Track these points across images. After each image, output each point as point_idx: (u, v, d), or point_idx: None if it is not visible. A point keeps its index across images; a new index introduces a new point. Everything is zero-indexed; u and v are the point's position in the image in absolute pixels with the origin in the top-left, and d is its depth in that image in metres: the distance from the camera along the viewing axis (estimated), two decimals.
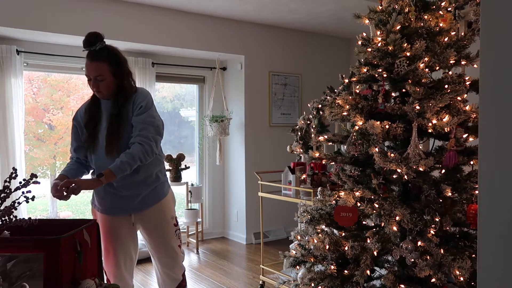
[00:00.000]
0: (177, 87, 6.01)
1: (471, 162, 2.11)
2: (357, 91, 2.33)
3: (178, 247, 2.41)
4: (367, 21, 2.30)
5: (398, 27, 2.13)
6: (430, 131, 2.04)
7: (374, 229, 2.16)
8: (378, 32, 2.23)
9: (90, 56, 2.20)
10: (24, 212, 4.21)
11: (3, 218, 1.65)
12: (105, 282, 2.39)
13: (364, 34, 2.28)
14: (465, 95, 2.12)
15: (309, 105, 3.67)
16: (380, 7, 2.26)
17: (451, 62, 2.12)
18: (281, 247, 4.80)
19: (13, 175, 1.70)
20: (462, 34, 2.22)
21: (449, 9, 2.20)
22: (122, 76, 2.23)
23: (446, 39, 2.18)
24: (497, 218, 0.96)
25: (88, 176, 2.34)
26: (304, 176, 3.28)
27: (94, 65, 2.18)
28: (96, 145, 2.22)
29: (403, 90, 2.15)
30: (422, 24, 2.18)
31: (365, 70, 2.24)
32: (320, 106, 3.47)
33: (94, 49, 2.20)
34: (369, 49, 2.19)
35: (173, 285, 2.43)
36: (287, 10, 4.76)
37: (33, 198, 1.69)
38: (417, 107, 1.99)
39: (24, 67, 4.25)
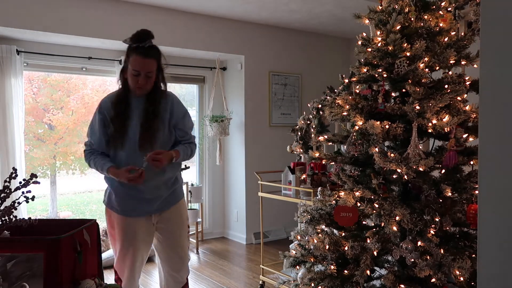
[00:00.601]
0: (177, 87, 6.01)
1: (471, 162, 2.11)
2: (357, 91, 2.33)
3: (187, 249, 2.46)
4: (367, 21, 2.30)
5: (398, 27, 2.13)
6: (430, 131, 2.04)
7: (374, 229, 2.16)
8: (378, 32, 2.23)
9: (143, 52, 2.19)
10: (24, 212, 4.21)
11: (3, 218, 1.66)
12: (114, 282, 2.39)
13: (364, 34, 2.28)
14: (465, 95, 2.12)
15: (309, 105, 3.67)
16: (380, 7, 2.26)
17: (451, 62, 2.12)
18: (281, 247, 4.81)
19: (13, 175, 1.70)
20: (462, 34, 2.22)
21: (449, 9, 2.20)
22: (160, 74, 2.28)
23: (446, 39, 2.18)
24: (497, 218, 0.96)
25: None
26: (304, 176, 3.28)
27: (147, 61, 2.19)
28: (125, 141, 2.21)
29: (403, 90, 2.15)
30: (422, 24, 2.18)
31: (365, 70, 2.24)
32: (320, 106, 3.47)
33: (143, 45, 2.20)
34: (369, 49, 2.19)
35: (177, 287, 2.43)
36: (287, 10, 4.76)
37: (33, 198, 1.69)
38: (417, 107, 1.99)
39: (24, 67, 4.25)
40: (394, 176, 2.07)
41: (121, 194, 2.27)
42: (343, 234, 2.25)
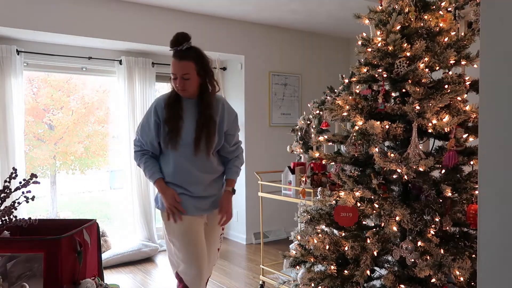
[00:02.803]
0: None
1: (471, 162, 2.11)
2: (357, 91, 2.33)
3: (217, 250, 2.50)
4: (367, 21, 2.30)
5: (398, 27, 2.13)
6: (430, 131, 2.03)
7: (374, 229, 2.16)
8: (378, 32, 2.22)
9: (177, 55, 2.22)
10: (24, 212, 4.21)
11: (3, 218, 1.66)
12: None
13: (364, 34, 2.28)
14: (465, 95, 2.12)
15: (309, 105, 3.67)
16: (380, 7, 2.26)
17: (451, 62, 2.12)
18: (281, 247, 4.81)
19: (13, 175, 1.70)
20: (462, 34, 2.22)
21: (449, 9, 2.20)
22: (206, 75, 2.28)
23: (446, 39, 2.18)
24: (497, 218, 0.96)
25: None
26: (304, 178, 3.28)
27: (182, 64, 2.20)
28: (179, 142, 2.24)
29: (403, 90, 2.15)
30: (422, 24, 2.18)
31: (365, 70, 2.24)
32: (318, 112, 3.47)
33: (181, 48, 2.21)
34: (369, 49, 2.19)
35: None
36: (287, 10, 4.76)
37: (33, 198, 1.69)
38: (417, 107, 1.99)
39: (24, 67, 4.25)
40: (394, 176, 2.07)
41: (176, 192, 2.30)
42: (343, 234, 2.25)
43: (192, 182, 2.29)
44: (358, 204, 2.14)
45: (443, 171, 2.09)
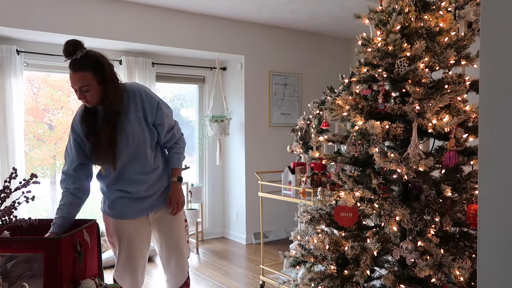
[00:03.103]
0: (177, 87, 6.01)
1: (471, 162, 2.11)
2: (357, 91, 2.33)
3: (186, 243, 2.43)
4: (367, 21, 2.30)
5: (398, 27, 2.13)
6: (430, 131, 2.03)
7: (374, 229, 2.16)
8: (378, 32, 2.22)
9: (71, 66, 2.05)
10: (24, 212, 4.21)
11: (3, 218, 1.66)
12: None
13: (364, 34, 2.28)
14: (465, 95, 2.12)
15: (309, 105, 3.67)
16: (380, 7, 2.26)
17: (451, 62, 2.12)
18: (281, 247, 4.81)
19: (13, 175, 1.70)
20: (462, 34, 2.22)
21: (449, 9, 2.20)
22: (105, 81, 2.07)
23: (446, 39, 2.17)
24: (497, 218, 0.96)
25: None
26: (304, 178, 3.28)
27: (77, 75, 2.03)
28: (105, 155, 2.12)
29: (403, 90, 2.15)
30: (422, 24, 2.18)
31: (365, 70, 2.23)
32: (318, 112, 3.47)
33: (75, 58, 2.04)
34: (369, 49, 2.19)
35: (180, 281, 2.43)
36: (287, 10, 4.76)
37: (33, 198, 1.69)
38: (417, 107, 1.99)
39: (24, 67, 4.25)
40: (394, 176, 2.07)
41: (112, 196, 2.24)
42: (343, 234, 2.25)
43: (132, 184, 2.20)
44: (358, 204, 2.14)
45: (443, 171, 2.09)
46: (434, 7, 2.18)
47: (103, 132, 2.09)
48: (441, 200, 2.04)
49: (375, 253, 2.04)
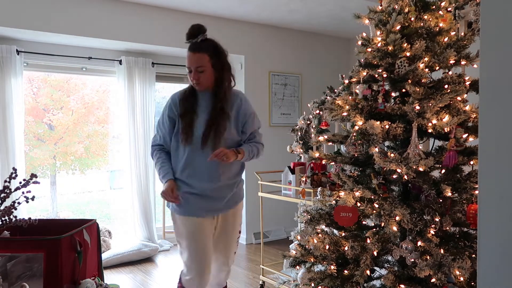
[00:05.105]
0: (177, 87, 6.01)
1: (471, 162, 2.11)
2: (357, 91, 2.33)
3: (234, 254, 2.43)
4: (367, 21, 2.30)
5: (398, 27, 2.13)
6: (430, 131, 2.03)
7: (374, 229, 2.16)
8: (378, 32, 2.23)
9: (192, 47, 2.21)
10: (24, 212, 4.21)
11: (3, 218, 1.66)
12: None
13: (364, 34, 2.28)
14: (465, 95, 2.12)
15: (309, 105, 3.67)
16: (380, 7, 2.26)
17: (451, 62, 2.12)
18: (281, 247, 4.81)
19: (13, 175, 1.70)
20: (462, 34, 2.22)
21: (449, 9, 2.20)
22: (222, 68, 2.24)
23: (446, 39, 2.18)
24: (497, 218, 0.96)
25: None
26: (304, 178, 3.28)
27: (196, 56, 2.19)
28: (192, 137, 2.19)
29: (403, 90, 2.15)
30: (422, 24, 2.18)
31: (364, 73, 2.23)
32: (318, 112, 3.47)
33: (196, 41, 2.20)
34: (369, 49, 2.19)
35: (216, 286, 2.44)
36: (287, 10, 4.76)
37: (33, 198, 1.69)
38: (417, 107, 1.99)
39: (24, 67, 4.25)
40: (394, 176, 2.07)
41: (184, 195, 2.24)
42: (343, 234, 2.25)
43: (201, 178, 2.21)
44: (358, 204, 2.14)
45: (443, 171, 2.09)
46: (434, 7, 2.18)
47: (204, 113, 2.20)
48: (441, 200, 2.04)
49: (375, 253, 2.04)
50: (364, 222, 2.31)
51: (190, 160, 2.21)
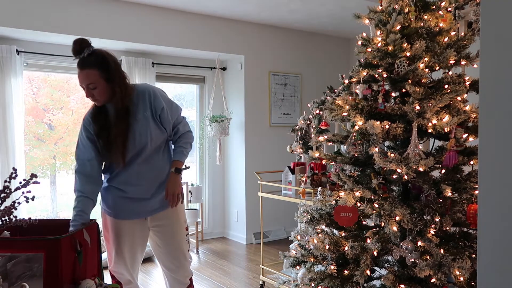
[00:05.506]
0: (177, 87, 6.01)
1: (471, 162, 2.11)
2: (357, 91, 2.33)
3: (187, 252, 2.38)
4: (367, 21, 2.30)
5: (398, 27, 2.13)
6: (430, 131, 2.03)
7: (374, 229, 2.16)
8: (378, 32, 2.23)
9: (79, 64, 2.07)
10: (24, 212, 4.21)
11: (3, 218, 1.66)
12: (111, 283, 2.39)
13: (364, 34, 2.28)
14: (465, 95, 2.12)
15: (309, 105, 3.67)
16: (380, 7, 2.26)
17: (451, 62, 2.12)
18: (281, 247, 4.81)
19: (13, 175, 1.70)
20: (462, 34, 2.22)
21: (449, 9, 2.20)
22: (113, 79, 2.09)
23: (446, 39, 2.18)
24: (497, 218, 0.96)
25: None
26: (304, 178, 3.28)
27: (84, 73, 2.05)
28: (115, 151, 2.13)
29: (403, 90, 2.15)
30: (422, 24, 2.18)
31: (364, 73, 2.23)
32: (318, 112, 3.47)
33: (82, 56, 2.05)
34: (369, 49, 2.19)
35: None
36: (287, 10, 4.76)
37: (33, 198, 1.69)
38: (417, 107, 1.99)
39: (24, 67, 4.25)
40: (394, 176, 2.07)
41: (113, 195, 2.23)
42: (343, 234, 2.25)
43: (131, 182, 2.20)
44: (358, 204, 2.14)
45: (443, 171, 2.09)
46: (434, 7, 2.18)
47: (115, 128, 2.12)
48: (441, 200, 2.04)
49: (375, 253, 2.04)
50: (364, 222, 2.31)
51: (122, 171, 2.18)
